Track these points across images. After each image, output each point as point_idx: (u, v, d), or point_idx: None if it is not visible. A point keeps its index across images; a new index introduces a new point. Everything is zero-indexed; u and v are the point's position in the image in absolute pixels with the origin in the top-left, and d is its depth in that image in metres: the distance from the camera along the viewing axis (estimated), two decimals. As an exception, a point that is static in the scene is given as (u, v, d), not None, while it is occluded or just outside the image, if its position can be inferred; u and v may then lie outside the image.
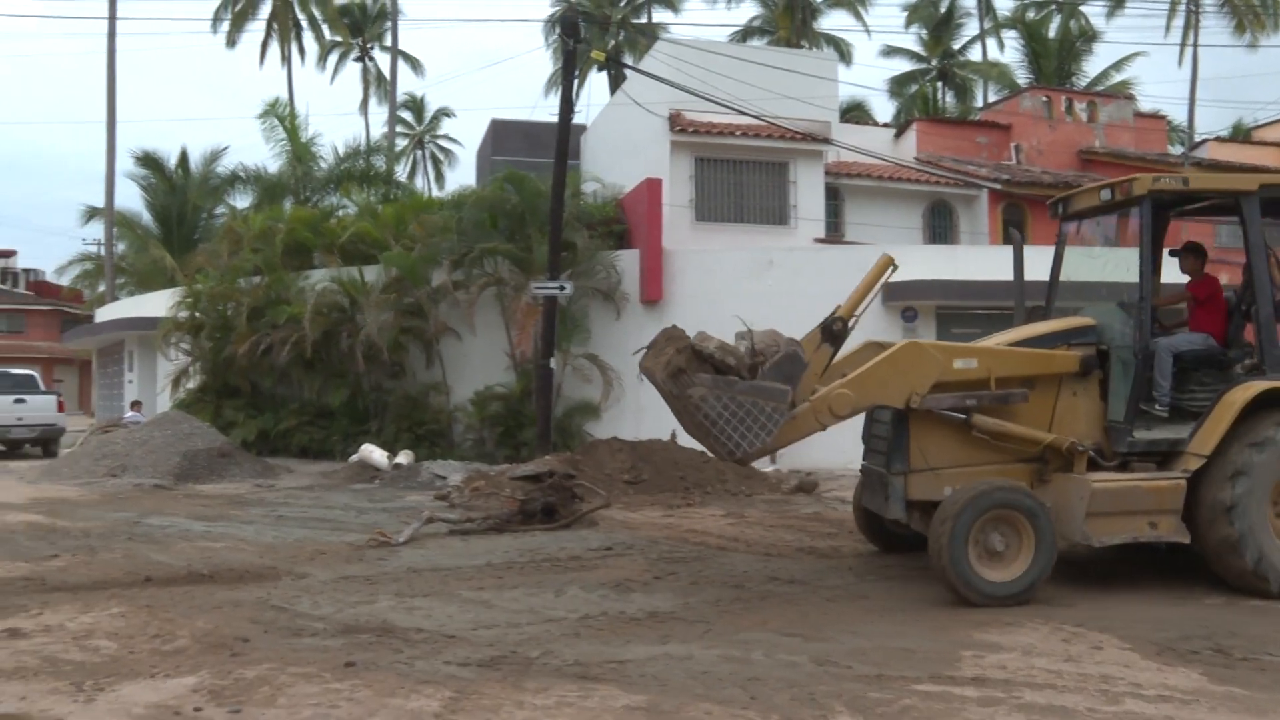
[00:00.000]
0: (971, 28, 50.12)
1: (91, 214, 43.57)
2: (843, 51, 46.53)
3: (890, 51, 50.25)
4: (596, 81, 48.46)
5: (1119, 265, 10.12)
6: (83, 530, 12.44)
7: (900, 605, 8.14)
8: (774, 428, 7.93)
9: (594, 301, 22.00)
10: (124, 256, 42.20)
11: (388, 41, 50.79)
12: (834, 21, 69.14)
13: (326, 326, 21.97)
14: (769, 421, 7.90)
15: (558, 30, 31.61)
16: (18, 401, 26.36)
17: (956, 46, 49.84)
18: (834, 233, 26.13)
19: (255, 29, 48.83)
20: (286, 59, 48.64)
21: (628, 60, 40.08)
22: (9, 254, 73.29)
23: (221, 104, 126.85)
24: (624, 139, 26.87)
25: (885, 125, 34.62)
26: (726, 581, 9.11)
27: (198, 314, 24.42)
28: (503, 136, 33.56)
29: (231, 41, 47.86)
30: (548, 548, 10.85)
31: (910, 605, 8.14)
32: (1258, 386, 8.55)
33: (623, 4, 49.12)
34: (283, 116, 30.49)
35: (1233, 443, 8.44)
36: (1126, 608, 8.06)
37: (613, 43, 47.75)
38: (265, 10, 48.51)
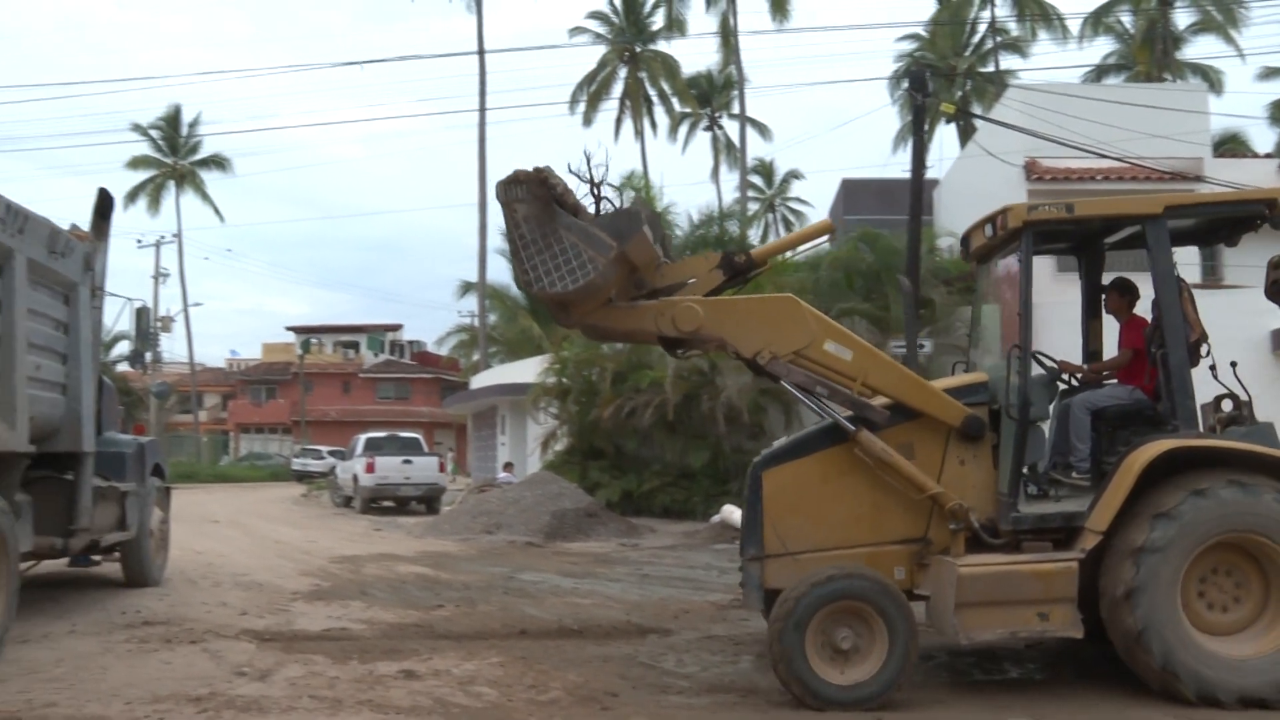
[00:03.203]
0: (1374, 35, 45.05)
1: (466, 288, 46.91)
2: (1212, 80, 43.18)
3: (1269, 74, 46.07)
4: (946, 134, 47.34)
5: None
6: (463, 583, 13.22)
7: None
8: (583, 278, 7.02)
9: (954, 358, 21.37)
10: (495, 327, 45.05)
11: (735, 109, 51.96)
12: (1200, 49, 64.26)
13: (687, 390, 22.45)
14: (580, 270, 7.03)
15: (904, 85, 31.28)
16: (405, 462, 28.56)
17: (1354, 58, 45.04)
18: (1211, 276, 24.17)
19: (609, 107, 51.40)
20: (639, 133, 50.91)
21: (977, 110, 39.11)
22: (396, 327, 79.93)
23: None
24: (978, 191, 26.07)
25: (1267, 156, 31.85)
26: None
27: (565, 380, 25.62)
28: (854, 195, 33.45)
29: (588, 120, 50.66)
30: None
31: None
32: (1160, 446, 7.03)
33: (968, 54, 48.06)
34: (639, 188, 31.74)
35: (1134, 516, 6.93)
36: None
37: (960, 93, 46.76)
38: (618, 89, 51.06)
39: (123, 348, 47.83)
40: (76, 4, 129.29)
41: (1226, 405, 7.77)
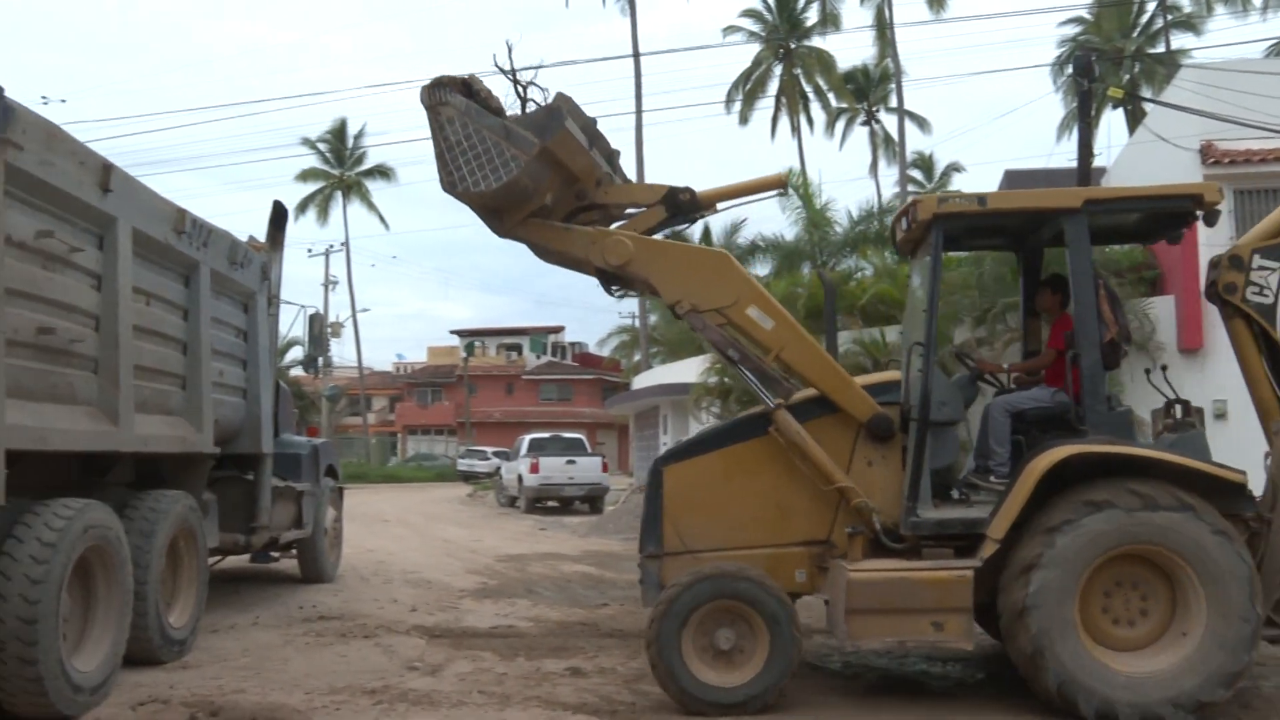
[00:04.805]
0: None
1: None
2: None
3: None
4: (1113, 120, 45.58)
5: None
6: (628, 581, 13.28)
7: None
8: (505, 175, 6.89)
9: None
10: (656, 327, 45.21)
11: (893, 103, 51.12)
12: None
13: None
14: (502, 167, 6.90)
15: (1068, 72, 30.31)
16: (569, 463, 28.94)
17: None
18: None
19: (765, 105, 51.15)
20: (796, 130, 50.49)
21: (1147, 93, 37.59)
22: (558, 329, 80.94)
23: (738, 177, 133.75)
24: (1149, 178, 25.01)
25: None
26: None
27: (726, 379, 25.54)
28: (1018, 186, 32.45)
29: (744, 119, 50.51)
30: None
31: None
32: (1060, 453, 6.64)
33: (1136, 35, 46.17)
34: (796, 185, 31.44)
35: (1031, 523, 6.58)
36: None
37: (1128, 77, 44.99)
38: (773, 86, 50.75)
39: (296, 353, 49.69)
40: (254, 28, 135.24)
41: (1178, 411, 7.45)
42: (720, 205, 8.14)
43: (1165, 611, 6.60)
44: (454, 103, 7.04)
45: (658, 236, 8.06)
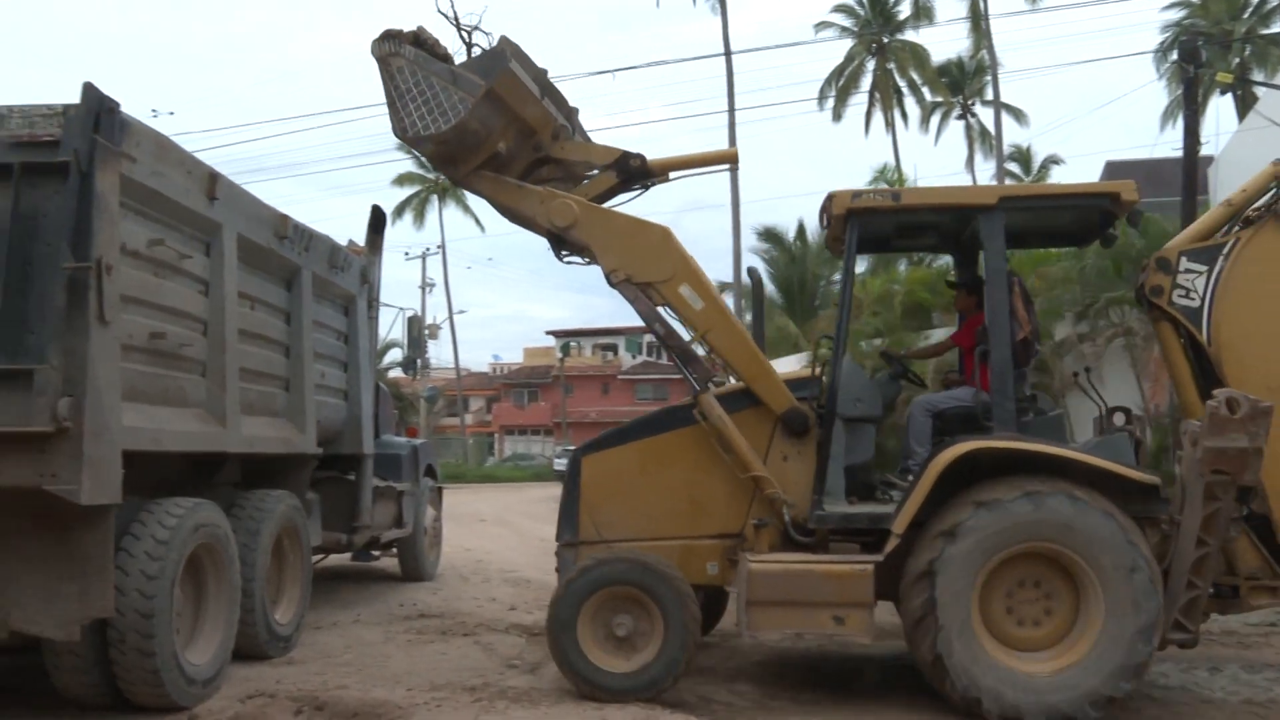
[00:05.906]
0: None
1: (721, 288, 46.97)
2: None
3: None
4: (1220, 106, 44.13)
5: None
6: (723, 581, 13.31)
7: None
8: (454, 117, 6.97)
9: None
10: (749, 325, 45.12)
11: (989, 96, 50.28)
12: None
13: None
14: (450, 110, 7.00)
15: (1172, 59, 29.54)
16: (663, 462, 28.90)
17: None
18: None
19: (858, 101, 50.68)
20: (890, 125, 49.97)
21: (1259, 77, 36.42)
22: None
23: (831, 175, 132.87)
24: (1261, 165, 24.35)
25: None
26: None
27: (823, 378, 25.43)
28: (1120, 178, 31.74)
29: (837, 115, 50.10)
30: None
31: None
32: (959, 449, 6.64)
33: (1247, 15, 44.61)
34: (892, 181, 31.24)
35: (932, 520, 6.59)
36: None
37: (1238, 60, 43.58)
38: (867, 82, 50.25)
39: (395, 355, 50.45)
40: (346, 36, 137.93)
41: (1119, 417, 7.45)
42: (672, 175, 8.19)
43: (1069, 611, 6.56)
44: (403, 53, 7.22)
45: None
